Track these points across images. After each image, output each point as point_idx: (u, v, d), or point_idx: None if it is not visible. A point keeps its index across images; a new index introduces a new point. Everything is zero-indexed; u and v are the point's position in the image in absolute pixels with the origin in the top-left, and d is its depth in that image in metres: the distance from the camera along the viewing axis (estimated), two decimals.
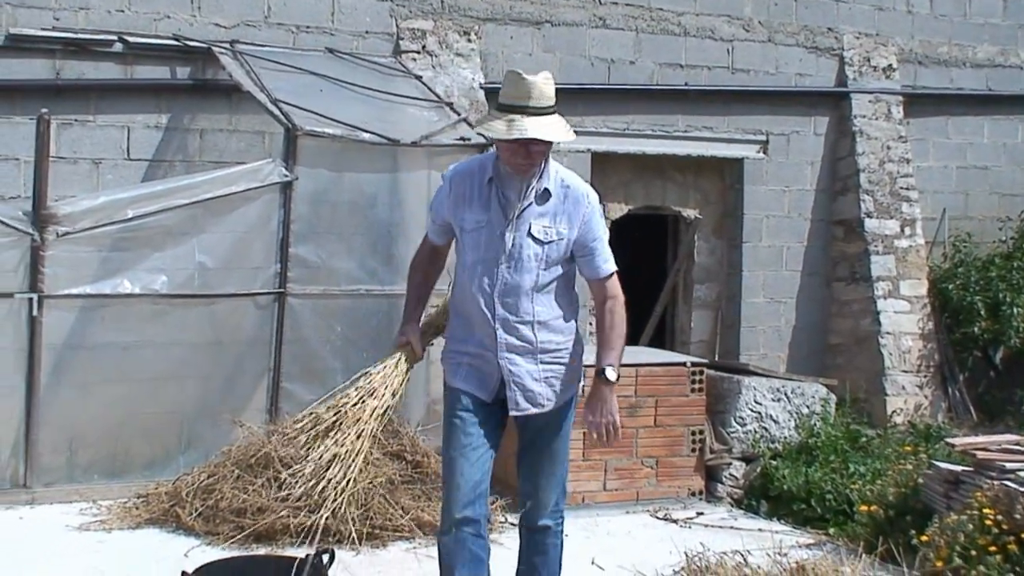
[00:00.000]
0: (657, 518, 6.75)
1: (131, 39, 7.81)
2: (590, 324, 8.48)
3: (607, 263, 4.15)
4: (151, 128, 7.90)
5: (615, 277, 4.18)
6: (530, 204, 4.04)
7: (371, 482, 5.92)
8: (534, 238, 4.04)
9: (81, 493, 6.59)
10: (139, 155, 7.87)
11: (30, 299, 6.50)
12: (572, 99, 9.12)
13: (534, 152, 3.96)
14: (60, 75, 7.71)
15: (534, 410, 4.12)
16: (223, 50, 7.82)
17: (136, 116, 7.85)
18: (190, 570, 4.29)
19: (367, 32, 8.55)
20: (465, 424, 4.11)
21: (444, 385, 4.27)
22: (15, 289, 6.51)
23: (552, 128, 3.93)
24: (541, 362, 4.10)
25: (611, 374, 4.08)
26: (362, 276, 7.19)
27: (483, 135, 4.03)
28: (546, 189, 4.06)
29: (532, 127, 3.88)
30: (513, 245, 4.04)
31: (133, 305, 6.81)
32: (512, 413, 4.14)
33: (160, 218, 6.77)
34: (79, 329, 6.77)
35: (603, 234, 4.14)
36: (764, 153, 9.94)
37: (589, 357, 4.25)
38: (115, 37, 7.78)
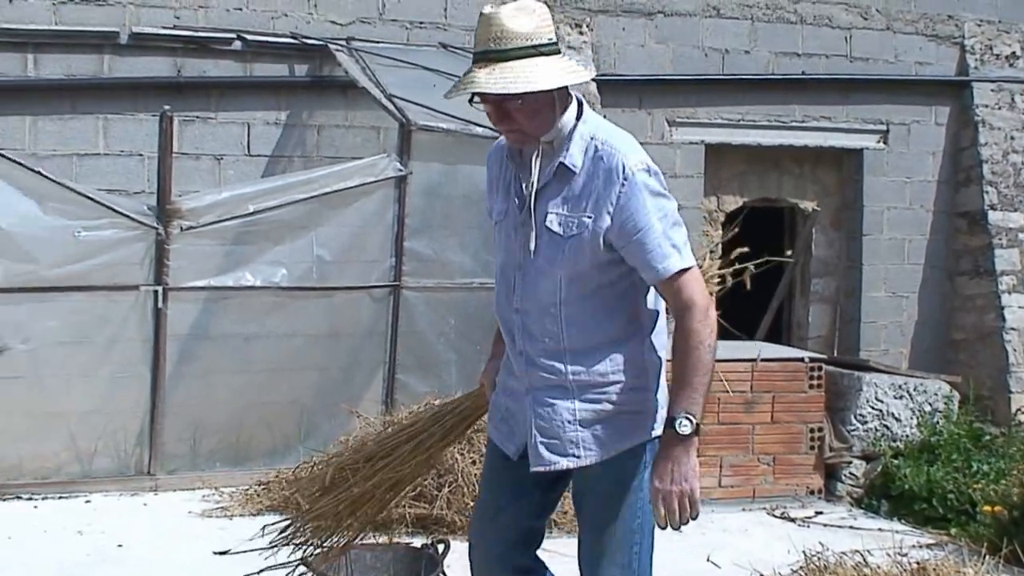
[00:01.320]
0: (774, 516, 6.66)
1: (250, 37, 7.96)
2: None
3: (667, 260, 2.85)
4: (270, 124, 8.05)
5: (687, 277, 2.87)
6: (545, 185, 2.94)
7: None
8: (551, 232, 2.92)
9: (204, 480, 6.75)
10: (259, 151, 8.03)
11: (155, 291, 6.69)
12: (685, 90, 9.07)
13: (513, 112, 2.84)
14: (181, 72, 7.90)
15: (564, 463, 3.00)
16: (339, 47, 7.93)
17: (256, 113, 8.01)
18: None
19: None
20: (490, 484, 3.30)
21: None
22: (141, 281, 6.71)
23: (517, 75, 2.76)
24: (580, 399, 2.98)
25: (684, 426, 2.83)
26: (475, 269, 7.23)
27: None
28: (561, 163, 2.91)
29: (484, 78, 2.77)
30: (527, 242, 2.97)
31: (254, 297, 6.97)
32: (532, 468, 3.03)
33: (280, 212, 6.93)
34: (202, 320, 6.96)
35: (655, 221, 2.85)
36: (884, 143, 9.72)
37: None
38: (234, 35, 7.94)
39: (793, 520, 6.57)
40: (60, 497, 6.48)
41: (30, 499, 6.44)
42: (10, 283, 6.50)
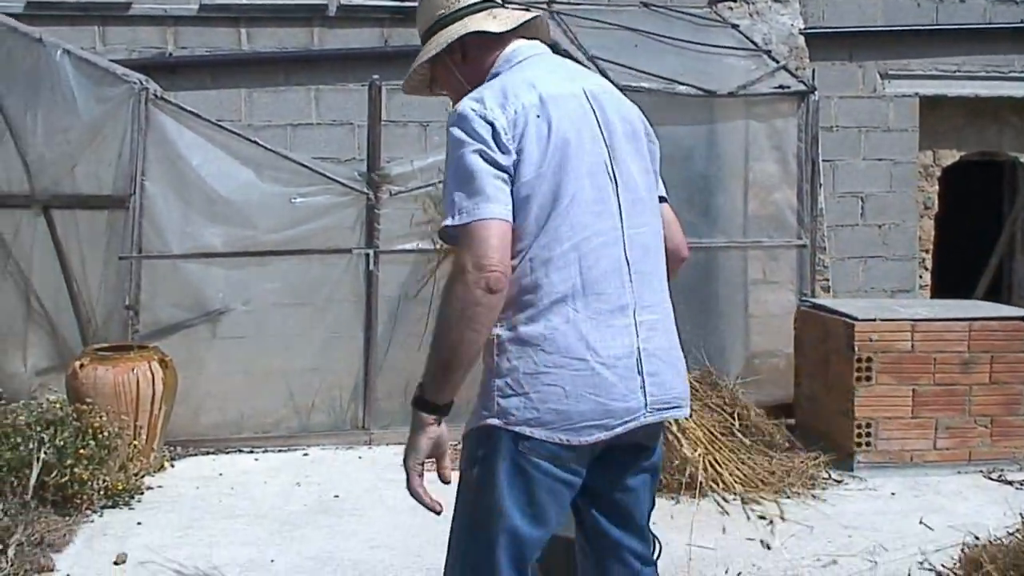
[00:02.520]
0: (990, 479, 6.41)
1: None
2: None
3: (445, 219, 2.44)
4: None
5: (460, 235, 2.40)
6: None
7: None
8: None
9: None
10: None
11: (367, 254, 6.93)
12: (898, 42, 8.75)
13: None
14: (388, 42, 8.10)
15: None
16: (541, 11, 7.95)
17: None
18: None
19: None
20: None
21: None
22: (353, 245, 6.95)
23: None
24: None
25: (416, 393, 2.57)
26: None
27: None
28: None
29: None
30: None
31: None
32: None
33: None
34: (410, 282, 7.15)
35: (449, 173, 2.46)
36: None
37: None
38: None
39: (1010, 483, 6.31)
40: (280, 450, 6.82)
41: (251, 452, 6.80)
42: (231, 248, 6.85)
